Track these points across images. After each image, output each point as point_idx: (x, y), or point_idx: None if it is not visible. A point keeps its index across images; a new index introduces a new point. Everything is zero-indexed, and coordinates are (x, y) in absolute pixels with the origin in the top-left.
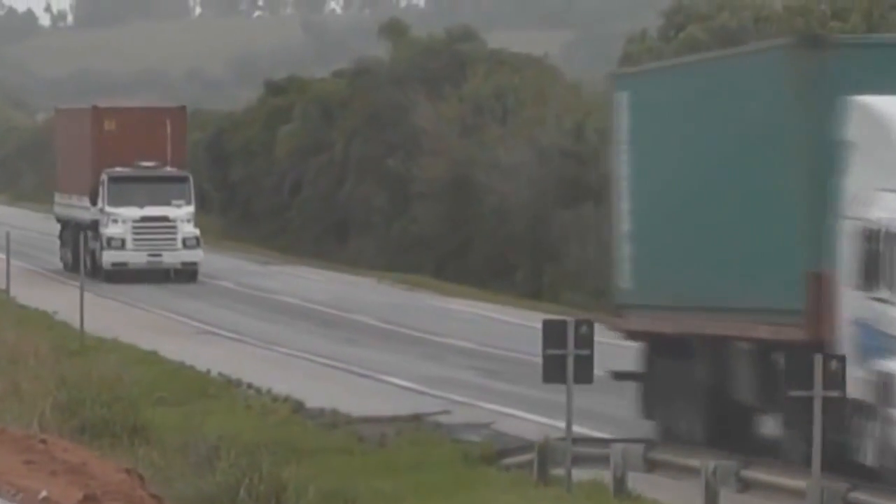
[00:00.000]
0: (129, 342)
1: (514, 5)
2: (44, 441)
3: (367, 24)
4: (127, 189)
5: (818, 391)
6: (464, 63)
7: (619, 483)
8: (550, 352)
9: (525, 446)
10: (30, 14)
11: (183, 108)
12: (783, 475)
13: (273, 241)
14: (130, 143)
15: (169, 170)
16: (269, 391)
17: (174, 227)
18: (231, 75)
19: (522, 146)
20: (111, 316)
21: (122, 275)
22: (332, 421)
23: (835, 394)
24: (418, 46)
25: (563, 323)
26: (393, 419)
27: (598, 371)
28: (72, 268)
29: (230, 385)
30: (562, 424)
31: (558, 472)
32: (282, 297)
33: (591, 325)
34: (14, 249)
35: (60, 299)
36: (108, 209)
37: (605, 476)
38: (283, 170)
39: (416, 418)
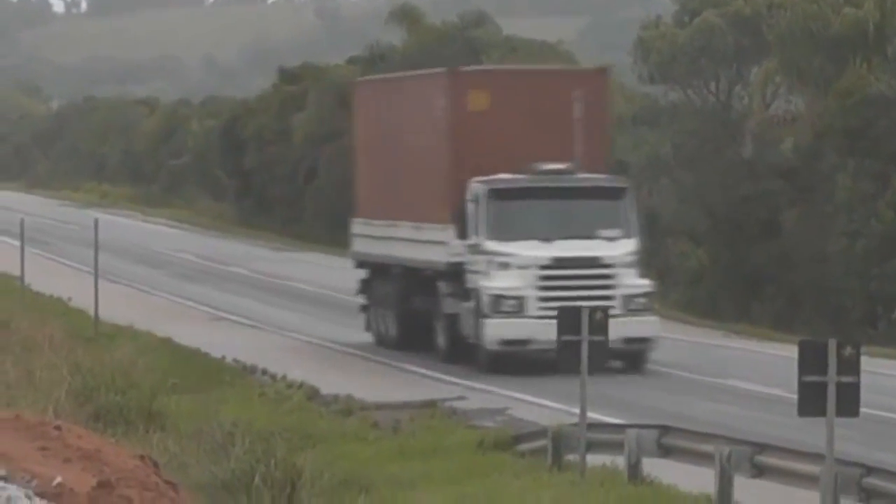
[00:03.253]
0: (143, 329)
1: None
2: (58, 428)
3: (381, 11)
4: (522, 211)
5: None
6: (478, 49)
7: (634, 468)
8: (565, 338)
9: (539, 432)
10: (44, 1)
11: (603, 70)
12: (797, 461)
13: (287, 227)
14: (517, 131)
15: (589, 177)
16: (283, 377)
17: (610, 277)
18: (245, 63)
19: None
20: (126, 302)
21: (518, 358)
22: (347, 407)
23: None
24: (432, 32)
25: (578, 309)
26: (407, 405)
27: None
28: (398, 344)
29: (245, 371)
30: (576, 410)
31: (572, 457)
32: (296, 283)
33: (605, 311)
34: (28, 237)
35: (75, 286)
36: (491, 245)
37: (620, 462)
38: (298, 157)
39: (431, 404)
